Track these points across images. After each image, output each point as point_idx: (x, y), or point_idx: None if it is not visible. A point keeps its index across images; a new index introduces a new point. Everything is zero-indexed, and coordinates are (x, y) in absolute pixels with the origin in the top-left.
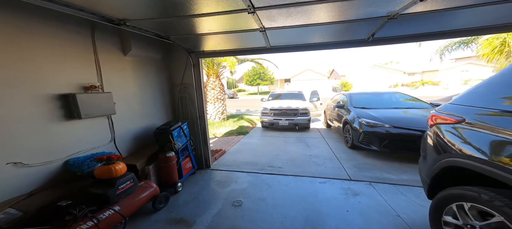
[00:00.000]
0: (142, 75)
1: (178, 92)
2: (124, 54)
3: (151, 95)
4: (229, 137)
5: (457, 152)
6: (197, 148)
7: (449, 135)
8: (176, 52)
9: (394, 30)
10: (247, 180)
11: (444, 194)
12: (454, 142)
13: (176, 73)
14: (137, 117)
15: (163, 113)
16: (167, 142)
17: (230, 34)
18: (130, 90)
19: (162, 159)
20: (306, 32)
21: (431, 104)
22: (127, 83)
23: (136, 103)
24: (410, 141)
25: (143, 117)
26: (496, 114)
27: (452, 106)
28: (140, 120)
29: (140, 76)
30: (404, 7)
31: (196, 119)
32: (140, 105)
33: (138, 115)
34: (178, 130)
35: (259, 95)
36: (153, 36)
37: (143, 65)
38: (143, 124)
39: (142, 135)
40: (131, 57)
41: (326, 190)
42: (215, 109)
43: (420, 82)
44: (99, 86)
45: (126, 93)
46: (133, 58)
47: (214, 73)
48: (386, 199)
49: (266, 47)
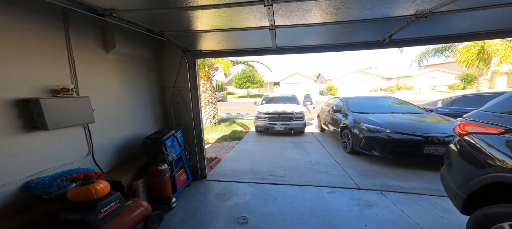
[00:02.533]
0: (128, 77)
1: (170, 96)
2: (107, 51)
3: (139, 100)
4: (223, 143)
5: (507, 167)
6: (191, 158)
7: (495, 146)
8: (168, 51)
9: (416, 31)
10: (249, 192)
11: (491, 211)
12: (503, 156)
13: (169, 74)
14: (122, 125)
15: (153, 120)
16: (159, 153)
17: (233, 32)
18: (113, 94)
19: (154, 173)
20: (316, 32)
21: (424, 109)
22: (110, 85)
23: (121, 109)
24: (412, 146)
25: (130, 125)
26: None
27: (489, 114)
28: (126, 128)
29: (126, 77)
30: (441, 4)
31: (191, 126)
32: (126, 111)
33: (123, 122)
34: (171, 139)
35: (249, 99)
36: (144, 31)
37: (129, 65)
38: (129, 133)
39: (128, 146)
40: (115, 56)
41: (337, 201)
42: (206, 114)
43: (396, 87)
44: (73, 89)
45: (109, 98)
46: (117, 57)
47: (205, 75)
48: (404, 211)
49: (271, 48)
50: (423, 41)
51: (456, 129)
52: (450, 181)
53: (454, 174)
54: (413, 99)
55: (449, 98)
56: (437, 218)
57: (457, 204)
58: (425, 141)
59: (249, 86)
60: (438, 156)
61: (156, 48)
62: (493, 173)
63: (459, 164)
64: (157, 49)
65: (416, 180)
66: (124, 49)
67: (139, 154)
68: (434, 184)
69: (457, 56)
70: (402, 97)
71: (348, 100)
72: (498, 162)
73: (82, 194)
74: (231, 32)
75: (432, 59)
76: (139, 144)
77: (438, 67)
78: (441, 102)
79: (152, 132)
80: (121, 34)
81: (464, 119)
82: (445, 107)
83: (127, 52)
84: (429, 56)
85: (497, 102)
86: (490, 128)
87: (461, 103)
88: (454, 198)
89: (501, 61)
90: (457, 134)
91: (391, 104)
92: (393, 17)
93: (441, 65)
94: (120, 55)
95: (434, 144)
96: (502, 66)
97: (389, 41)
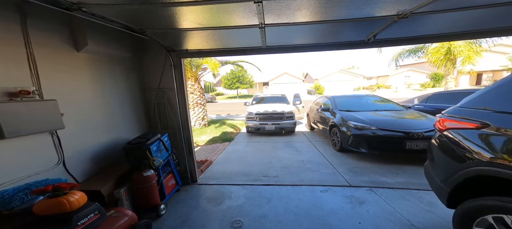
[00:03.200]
0: (105, 78)
1: (154, 98)
2: (77, 49)
3: (117, 102)
4: (214, 145)
5: (485, 160)
6: (180, 161)
7: (472, 140)
8: (151, 50)
9: (398, 31)
10: (242, 194)
11: (475, 204)
12: (480, 149)
13: (152, 75)
14: (99, 130)
15: (135, 123)
16: (143, 159)
17: (221, 31)
18: (88, 97)
19: (138, 180)
20: (305, 32)
21: (404, 106)
22: (83, 87)
23: (98, 113)
24: (395, 142)
25: (108, 130)
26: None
27: (465, 110)
28: (104, 134)
29: (102, 78)
30: (420, 5)
31: (179, 128)
32: (103, 115)
33: (100, 127)
34: (157, 143)
35: (238, 99)
36: (121, 28)
37: (106, 65)
38: (107, 139)
39: (107, 152)
40: (88, 54)
41: (330, 199)
42: (195, 115)
43: (376, 86)
44: (34, 91)
45: (82, 101)
46: (91, 56)
47: (192, 76)
48: (393, 206)
49: (261, 47)
50: (404, 41)
51: (436, 124)
52: (434, 175)
53: (437, 169)
54: (391, 97)
55: (424, 96)
56: (424, 212)
57: (442, 198)
58: (406, 137)
59: (239, 87)
60: (419, 150)
61: (137, 47)
62: (473, 166)
63: (441, 159)
64: (138, 48)
65: (401, 175)
66: (98, 48)
67: (121, 160)
68: (417, 178)
69: (428, 56)
70: (382, 95)
71: (336, 99)
72: (476, 155)
73: (53, 207)
74: (219, 30)
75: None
76: (120, 149)
77: (411, 67)
78: (417, 100)
79: (135, 136)
80: (94, 31)
81: (443, 115)
82: (420, 104)
83: (103, 51)
84: (404, 56)
85: (472, 98)
86: (467, 123)
87: (434, 100)
88: (439, 192)
89: (464, 62)
90: (437, 129)
91: (374, 102)
92: (377, 17)
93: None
94: (94, 54)
95: (414, 139)
96: (465, 66)
97: (373, 41)
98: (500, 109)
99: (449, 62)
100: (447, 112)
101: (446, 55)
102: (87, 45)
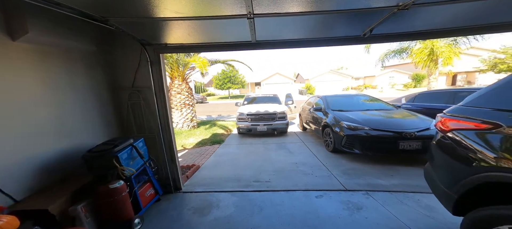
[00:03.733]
0: (57, 74)
1: (128, 98)
2: (13, 38)
3: (77, 103)
4: (202, 148)
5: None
6: (161, 168)
7: (482, 143)
8: (122, 43)
9: (396, 26)
10: (231, 202)
11: (487, 213)
12: (492, 153)
13: (124, 72)
14: (48, 136)
15: (102, 127)
16: (110, 169)
17: (205, 22)
18: (31, 97)
19: (103, 193)
20: (297, 24)
21: (393, 105)
22: (23, 85)
23: (46, 116)
24: (388, 142)
25: (61, 136)
26: None
27: (471, 109)
28: (55, 140)
29: (53, 75)
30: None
31: (158, 132)
32: (54, 118)
33: (49, 133)
34: (128, 150)
35: (230, 100)
36: (74, 15)
37: (59, 58)
38: (61, 146)
39: (61, 162)
40: (30, 45)
41: (326, 205)
42: (183, 117)
43: (363, 86)
44: None
45: (22, 101)
46: (34, 47)
47: (180, 75)
48: (392, 212)
49: (250, 41)
50: (402, 36)
51: (438, 125)
52: (437, 180)
53: (440, 173)
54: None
55: (411, 95)
56: (424, 218)
57: (447, 204)
58: (399, 137)
59: (230, 87)
60: (411, 151)
61: (104, 40)
62: (486, 172)
63: (445, 162)
64: (104, 40)
65: (395, 177)
66: (44, 38)
67: (82, 170)
68: (411, 180)
69: (413, 57)
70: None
71: (328, 98)
72: (490, 160)
73: None
74: (203, 21)
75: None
76: (79, 158)
77: (395, 68)
78: (405, 99)
79: (101, 142)
80: (38, 17)
81: (445, 115)
82: (408, 103)
83: (52, 42)
84: (390, 57)
85: (477, 96)
86: (475, 123)
87: (420, 99)
88: (443, 198)
89: (444, 63)
90: (439, 130)
91: (365, 101)
92: (376, 8)
93: (398, 66)
94: (39, 44)
95: (407, 139)
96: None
97: (369, 36)
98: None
99: (432, 63)
100: (449, 112)
101: (429, 55)
102: (28, 33)
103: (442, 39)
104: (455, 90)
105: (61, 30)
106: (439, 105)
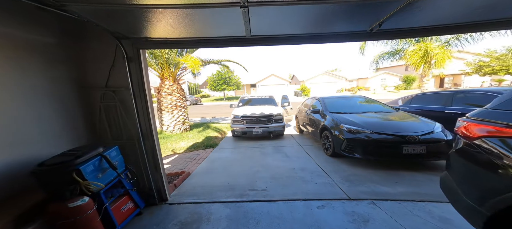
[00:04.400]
0: (4, 70)
1: (100, 99)
2: None
3: (29, 105)
4: (194, 152)
5: None
6: (143, 178)
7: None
8: (93, 36)
9: (407, 20)
10: (224, 215)
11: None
12: None
13: (95, 69)
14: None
15: (65, 134)
16: (69, 184)
17: (192, 11)
18: None
19: (60, 213)
20: (295, 16)
21: (392, 107)
22: None
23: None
24: (391, 146)
25: (4, 145)
26: None
27: (505, 112)
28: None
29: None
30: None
31: (138, 138)
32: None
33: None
34: (95, 161)
35: (225, 101)
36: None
37: (8, 51)
38: (4, 157)
39: (4, 177)
40: None
41: (329, 218)
42: (174, 119)
43: (357, 88)
44: None
45: None
46: None
47: (171, 76)
48: (403, 224)
49: (245, 37)
50: (413, 32)
51: (460, 130)
52: (460, 192)
53: (465, 185)
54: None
55: (407, 97)
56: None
57: (475, 221)
58: (403, 141)
59: (225, 89)
60: (416, 155)
61: (69, 31)
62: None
63: (473, 174)
64: (70, 32)
65: (400, 183)
66: None
67: (29, 188)
68: (418, 187)
69: (407, 58)
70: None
71: (325, 100)
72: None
73: None
74: (190, 10)
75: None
76: (27, 173)
77: (386, 70)
78: (401, 101)
79: (60, 151)
80: None
81: (469, 119)
82: (405, 105)
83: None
84: (383, 59)
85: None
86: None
87: (417, 101)
88: (469, 214)
89: (437, 65)
90: (462, 136)
91: (363, 103)
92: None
93: (389, 68)
94: None
95: (411, 143)
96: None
97: (377, 31)
98: None
99: (426, 65)
100: (474, 115)
101: (423, 57)
102: None
103: (435, 41)
104: (452, 92)
105: (8, 17)
106: (436, 108)
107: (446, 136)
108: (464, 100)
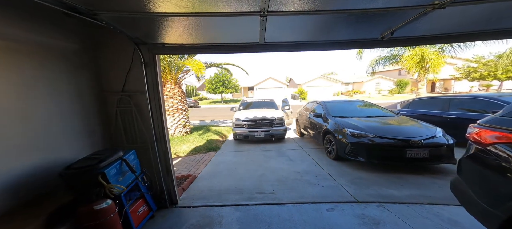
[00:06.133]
0: (30, 76)
1: (116, 104)
2: None
3: (53, 111)
4: (197, 155)
5: None
6: (155, 181)
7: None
8: (112, 41)
9: (422, 28)
10: (235, 218)
11: None
12: None
13: (113, 74)
14: (13, 151)
15: (84, 139)
16: (95, 187)
17: (210, 19)
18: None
19: (87, 215)
20: (310, 25)
21: (392, 112)
22: None
23: (11, 127)
24: (394, 150)
25: (31, 150)
26: None
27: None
28: (23, 155)
29: (24, 77)
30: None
31: (152, 142)
32: (23, 130)
33: (15, 147)
34: (117, 164)
35: (223, 104)
36: (54, 6)
37: (33, 57)
38: (32, 162)
39: (33, 180)
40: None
41: (340, 221)
42: (175, 122)
43: (353, 92)
44: None
45: None
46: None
47: (172, 79)
48: (414, 227)
49: (258, 43)
50: (426, 40)
51: (472, 136)
52: (475, 196)
53: (480, 189)
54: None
55: (406, 101)
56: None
57: (490, 224)
58: (406, 145)
59: (223, 91)
60: (419, 159)
61: (90, 36)
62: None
63: (487, 178)
64: (91, 37)
65: (406, 186)
66: (10, 30)
67: (59, 188)
68: (425, 190)
69: (403, 63)
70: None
71: (327, 104)
72: None
73: None
74: (208, 18)
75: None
76: (55, 175)
77: (381, 74)
78: (400, 105)
79: (83, 156)
80: (4, 6)
81: (481, 125)
82: (404, 110)
83: (22, 37)
84: (379, 63)
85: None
86: None
87: (416, 105)
88: (484, 217)
89: (432, 69)
90: (474, 142)
91: (364, 107)
92: (407, 7)
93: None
94: (6, 40)
95: (414, 147)
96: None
97: (389, 39)
98: None
99: (422, 70)
100: (486, 122)
101: (419, 62)
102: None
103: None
104: (449, 97)
105: (30, 22)
106: (434, 112)
107: (447, 141)
108: (460, 105)
